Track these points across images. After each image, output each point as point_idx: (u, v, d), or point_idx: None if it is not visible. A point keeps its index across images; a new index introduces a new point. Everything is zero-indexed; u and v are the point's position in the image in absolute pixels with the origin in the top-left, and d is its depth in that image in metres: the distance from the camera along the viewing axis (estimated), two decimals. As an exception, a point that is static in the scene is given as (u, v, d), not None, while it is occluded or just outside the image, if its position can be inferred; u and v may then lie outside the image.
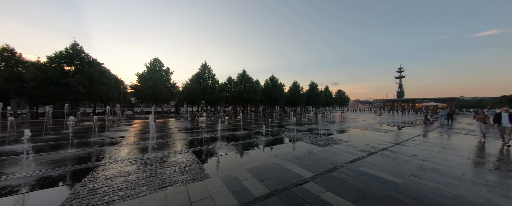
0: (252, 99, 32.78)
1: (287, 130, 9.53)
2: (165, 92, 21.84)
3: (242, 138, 7.33)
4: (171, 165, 3.95)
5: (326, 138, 7.37)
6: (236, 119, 16.94)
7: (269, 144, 6.16)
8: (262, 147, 5.70)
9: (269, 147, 5.73)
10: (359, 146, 5.84)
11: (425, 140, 7.13)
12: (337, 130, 9.76)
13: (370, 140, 7.00)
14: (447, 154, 5.14)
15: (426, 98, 55.92)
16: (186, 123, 13.18)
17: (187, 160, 4.27)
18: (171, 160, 4.33)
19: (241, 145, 6.03)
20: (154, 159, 4.38)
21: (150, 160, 4.29)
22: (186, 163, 4.05)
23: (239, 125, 11.98)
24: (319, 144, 6.16)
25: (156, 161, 4.27)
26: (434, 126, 12.27)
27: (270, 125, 11.81)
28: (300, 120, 16.08)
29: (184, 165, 3.94)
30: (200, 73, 27.73)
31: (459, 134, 9.10)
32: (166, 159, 4.38)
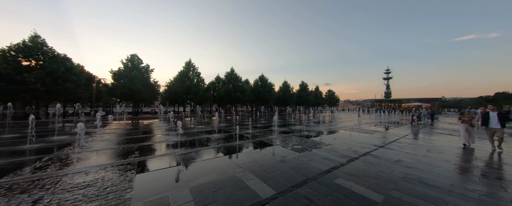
0: (241, 99, 31.90)
1: (268, 132, 8.84)
2: (143, 91, 20.26)
3: (209, 143, 6.49)
4: (87, 185, 2.99)
5: (306, 141, 6.76)
6: (218, 120, 16.02)
7: (238, 150, 5.40)
8: (227, 155, 4.91)
9: (236, 154, 4.96)
10: (340, 151, 5.27)
11: (410, 142, 6.77)
12: (321, 131, 9.24)
13: (354, 142, 6.50)
14: (432, 158, 4.71)
15: (411, 98, 58.49)
16: (153, 125, 12.04)
17: (116, 176, 3.34)
18: (89, 178, 3.30)
19: (203, 152, 5.20)
20: (63, 178, 3.37)
21: (53, 180, 3.28)
22: (111, 181, 3.12)
23: (216, 126, 11.10)
24: (296, 148, 5.51)
25: (65, 181, 3.23)
26: (418, 126, 12.25)
27: (253, 126, 11.08)
28: (286, 120, 15.53)
29: (107, 184, 3.02)
30: (184, 71, 26.33)
31: (443, 134, 8.97)
32: (82, 177, 3.37)
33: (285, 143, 6.35)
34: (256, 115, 24.38)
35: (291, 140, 6.90)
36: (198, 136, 7.72)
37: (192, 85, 24.45)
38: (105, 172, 3.54)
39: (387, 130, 10.17)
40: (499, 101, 57.39)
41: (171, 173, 3.56)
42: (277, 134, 8.24)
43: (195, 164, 4.11)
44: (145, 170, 3.73)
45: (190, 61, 27.21)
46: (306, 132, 8.92)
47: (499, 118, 5.46)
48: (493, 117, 5.56)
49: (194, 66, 27.52)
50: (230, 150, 5.35)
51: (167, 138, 7.35)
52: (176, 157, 4.60)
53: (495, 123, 5.51)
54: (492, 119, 5.59)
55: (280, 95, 44.41)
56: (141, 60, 22.52)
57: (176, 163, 4.16)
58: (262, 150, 5.33)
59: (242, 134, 8.34)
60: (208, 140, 6.87)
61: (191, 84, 24.39)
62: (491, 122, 5.59)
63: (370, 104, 79.93)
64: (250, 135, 7.94)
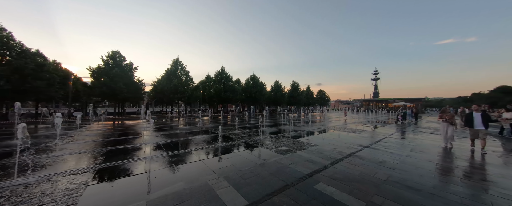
0: (231, 99, 31.37)
1: (255, 133, 8.54)
2: (125, 90, 19.12)
3: (188, 145, 6.07)
4: (17, 203, 2.52)
5: (292, 141, 6.54)
6: (204, 120, 15.47)
7: (218, 153, 5.04)
8: (203, 158, 4.54)
9: (214, 158, 4.60)
10: (325, 152, 5.09)
11: (394, 142, 6.79)
12: (309, 132, 9.11)
13: (340, 143, 6.38)
14: (415, 158, 4.66)
15: (397, 98, 61.34)
16: (131, 126, 11.31)
17: (60, 190, 2.87)
18: (33, 189, 2.88)
19: (178, 155, 4.79)
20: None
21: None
22: (50, 197, 2.66)
23: (200, 127, 10.62)
24: (281, 150, 5.26)
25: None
26: (402, 125, 12.57)
27: (240, 127, 10.73)
28: (276, 120, 15.36)
29: (44, 201, 2.55)
30: (171, 69, 25.32)
31: (425, 132, 9.21)
32: (13, 191, 2.90)
33: (270, 144, 6.08)
34: (246, 114, 24.05)
35: (277, 141, 6.65)
36: (178, 138, 7.24)
37: (180, 84, 23.55)
38: (47, 184, 3.03)
39: (373, 130, 10.29)
40: (476, 101, 61.73)
41: (131, 182, 3.14)
42: (264, 135, 7.96)
43: (164, 170, 3.69)
44: (100, 180, 3.26)
45: (178, 59, 26.24)
46: (294, 132, 8.74)
47: (483, 118, 5.15)
48: (477, 118, 5.25)
49: (182, 64, 26.58)
50: (209, 153, 4.97)
51: (141, 140, 6.80)
52: (145, 163, 4.15)
53: (478, 124, 5.21)
54: (476, 120, 5.26)
55: (271, 95, 44.40)
56: (123, 57, 21.28)
57: (143, 170, 3.72)
58: (244, 153, 5.01)
59: (227, 134, 7.97)
60: (187, 142, 6.43)
61: (179, 83, 23.48)
62: (475, 123, 5.27)
63: (359, 103, 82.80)
64: (236, 136, 7.60)
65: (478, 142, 5.35)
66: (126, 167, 3.93)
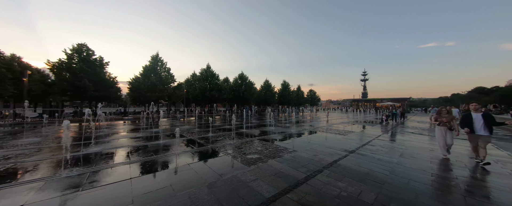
0: (217, 98, 30.04)
1: (229, 136, 7.54)
2: (92, 87, 17.13)
3: (133, 154, 4.93)
4: None
5: (268, 146, 5.64)
6: (180, 121, 14.17)
7: (158, 167, 3.98)
8: (138, 175, 3.46)
9: (148, 175, 3.53)
10: (303, 160, 4.24)
11: (382, 145, 6.15)
12: (292, 134, 8.30)
13: (323, 147, 5.59)
14: (406, 166, 3.96)
15: (384, 98, 63.59)
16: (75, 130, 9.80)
17: None
18: None
19: (102, 173, 3.66)
20: None
21: None
22: None
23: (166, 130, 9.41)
24: (248, 159, 4.32)
25: None
26: (389, 126, 12.23)
27: (216, 129, 9.67)
28: (261, 121, 14.48)
29: None
30: (149, 66, 23.46)
31: (413, 133, 8.81)
32: None
33: (239, 151, 5.12)
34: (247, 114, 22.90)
35: (250, 146, 5.71)
36: (126, 145, 6.03)
37: (159, 82, 21.82)
38: None
39: (361, 130, 9.75)
40: (455, 101, 65.94)
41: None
42: (238, 138, 6.99)
43: (56, 200, 2.57)
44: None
45: (158, 55, 24.42)
46: (275, 135, 7.88)
47: (485, 121, 3.88)
48: (478, 119, 3.98)
49: (162, 60, 24.80)
50: (150, 167, 3.89)
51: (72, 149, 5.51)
52: (43, 186, 2.99)
53: (479, 128, 3.92)
54: (476, 122, 3.99)
55: (261, 95, 43.64)
56: (92, 51, 19.16)
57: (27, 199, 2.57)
58: (197, 165, 3.99)
59: (194, 139, 6.89)
60: (135, 150, 5.26)
61: (157, 81, 21.75)
62: (475, 127, 3.98)
63: (348, 103, 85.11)
64: (204, 141, 6.54)
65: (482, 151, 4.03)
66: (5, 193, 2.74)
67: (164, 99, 22.39)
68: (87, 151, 5.17)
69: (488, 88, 59.68)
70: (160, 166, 3.91)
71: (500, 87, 54.63)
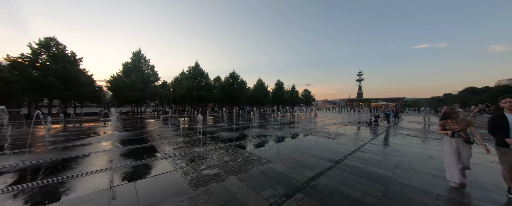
0: (205, 98, 28.84)
1: (198, 142, 6.54)
2: (60, 85, 15.60)
3: (53, 171, 3.88)
4: None
5: (238, 155, 4.70)
6: (152, 123, 13.01)
7: (66, 191, 2.95)
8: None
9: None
10: (273, 177, 3.33)
11: (375, 151, 5.34)
12: (275, 137, 7.40)
13: (305, 156, 4.71)
14: (405, 182, 3.12)
15: (379, 98, 64.24)
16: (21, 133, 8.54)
17: None
18: None
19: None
20: None
21: None
22: None
23: (130, 134, 8.31)
24: (204, 176, 3.36)
25: None
26: (382, 128, 11.55)
27: (190, 133, 8.64)
28: (246, 122, 13.54)
29: None
30: (130, 63, 21.97)
31: (409, 135, 8.11)
32: None
33: (198, 162, 4.15)
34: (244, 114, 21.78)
35: (218, 155, 4.75)
36: (61, 153, 4.92)
37: (140, 81, 20.41)
38: None
39: (353, 132, 8.98)
40: (448, 101, 67.58)
41: None
42: (210, 144, 6.01)
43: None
44: None
45: (140, 52, 22.96)
46: (254, 139, 6.95)
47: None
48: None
49: (145, 57, 23.35)
50: (44, 197, 2.85)
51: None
52: None
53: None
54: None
55: (254, 94, 42.73)
56: (63, 46, 17.55)
57: None
58: (123, 188, 2.98)
59: (154, 145, 5.84)
60: (63, 164, 4.18)
61: (138, 79, 20.33)
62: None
63: (343, 103, 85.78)
64: (166, 148, 5.52)
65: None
66: None
67: (146, 99, 20.99)
68: (-1, 165, 4.04)
69: (479, 89, 61.50)
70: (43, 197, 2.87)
71: (491, 87, 56.31)
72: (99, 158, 4.63)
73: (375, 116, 12.18)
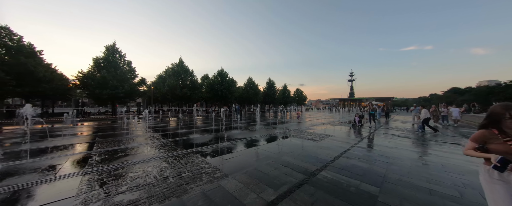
0: (189, 97, 27.40)
1: (154, 147, 5.46)
2: (11, 82, 13.65)
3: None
4: None
5: (193, 166, 3.72)
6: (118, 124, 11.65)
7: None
8: None
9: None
10: (219, 203, 2.36)
11: (361, 156, 4.56)
12: (247, 141, 6.47)
13: (275, 165, 3.82)
14: (398, 202, 2.28)
15: (369, 97, 65.60)
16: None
17: None
18: None
19: None
20: None
21: None
22: None
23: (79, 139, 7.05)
24: (116, 204, 2.32)
25: None
26: (371, 129, 10.99)
27: (163, 134, 7.50)
28: (232, 122, 12.51)
29: None
30: (102, 58, 20.10)
31: (399, 136, 7.51)
32: None
33: (117, 183, 3.10)
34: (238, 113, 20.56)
35: (157, 167, 3.72)
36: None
37: (112, 78, 18.66)
38: None
39: (339, 134, 8.26)
40: (434, 101, 70.53)
41: None
42: (165, 150, 4.95)
43: None
44: None
45: (114, 46, 21.11)
46: (223, 143, 5.96)
47: None
48: None
49: (120, 52, 21.53)
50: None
51: None
52: None
53: None
54: None
55: (243, 94, 41.72)
56: (18, 36, 15.48)
57: None
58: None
59: (91, 154, 4.69)
60: None
61: (110, 76, 18.58)
62: None
63: (335, 103, 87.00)
64: (106, 155, 4.39)
65: None
66: None
67: (120, 97, 19.26)
68: None
69: (462, 89, 64.79)
70: None
71: (473, 87, 59.41)
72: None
73: (359, 115, 10.87)
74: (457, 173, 3.51)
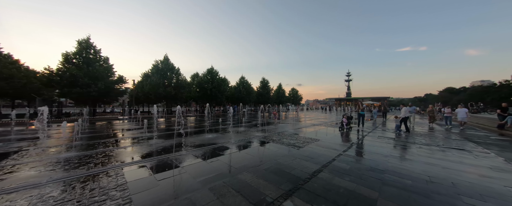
0: (175, 96, 26.02)
1: (107, 156, 4.28)
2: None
3: None
4: None
5: (119, 188, 2.57)
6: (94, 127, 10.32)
7: None
8: None
9: None
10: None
11: (347, 170, 3.56)
12: (213, 149, 5.38)
13: (225, 189, 2.74)
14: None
15: (366, 97, 65.73)
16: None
17: None
18: None
19: None
20: None
21: None
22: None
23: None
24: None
25: None
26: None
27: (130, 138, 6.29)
28: (214, 124, 11.37)
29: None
30: (74, 53, 18.47)
31: (395, 140, 6.59)
32: None
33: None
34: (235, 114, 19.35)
35: (56, 192, 2.57)
36: None
37: (82, 74, 17.11)
38: None
39: (328, 137, 7.28)
40: (429, 101, 71.52)
41: None
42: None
43: None
44: None
45: (88, 40, 19.49)
46: (181, 153, 4.84)
47: None
48: None
49: (95, 47, 19.94)
50: None
51: None
52: None
53: None
54: None
55: (235, 93, 40.55)
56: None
57: None
58: None
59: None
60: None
61: (80, 73, 17.02)
62: None
63: (332, 102, 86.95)
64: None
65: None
66: None
67: (92, 96, 17.71)
68: None
69: (457, 89, 65.97)
70: None
71: (468, 87, 60.50)
72: None
73: (347, 117, 9.21)
74: (477, 197, 2.54)
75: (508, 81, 34.21)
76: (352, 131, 8.98)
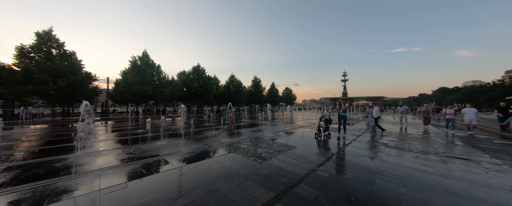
0: (154, 95, 24.42)
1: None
2: None
3: None
4: None
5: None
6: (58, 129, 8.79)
7: None
8: None
9: None
10: None
11: (317, 202, 2.41)
12: (179, 159, 4.16)
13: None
14: None
15: (360, 97, 65.99)
16: None
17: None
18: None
19: None
20: None
21: None
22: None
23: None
24: None
25: None
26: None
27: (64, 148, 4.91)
28: (189, 126, 10.06)
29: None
30: (32, 46, 16.57)
31: (387, 146, 5.60)
32: None
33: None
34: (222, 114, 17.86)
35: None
36: None
37: (38, 71, 15.29)
38: None
39: (307, 143, 6.19)
40: (423, 100, 72.89)
41: None
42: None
43: None
44: None
45: (50, 32, 17.61)
46: (122, 167, 3.59)
47: None
48: None
49: (57, 40, 18.08)
50: None
51: None
52: None
53: None
54: None
55: (224, 92, 39.20)
56: None
57: None
58: None
59: None
60: None
61: (36, 69, 15.20)
62: None
63: (326, 102, 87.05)
64: None
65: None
66: None
67: (50, 95, 15.92)
68: None
69: (450, 89, 67.56)
70: None
71: (461, 87, 61.98)
72: None
73: (325, 119, 7.17)
74: None
75: (501, 81, 34.78)
76: (332, 139, 6.91)
